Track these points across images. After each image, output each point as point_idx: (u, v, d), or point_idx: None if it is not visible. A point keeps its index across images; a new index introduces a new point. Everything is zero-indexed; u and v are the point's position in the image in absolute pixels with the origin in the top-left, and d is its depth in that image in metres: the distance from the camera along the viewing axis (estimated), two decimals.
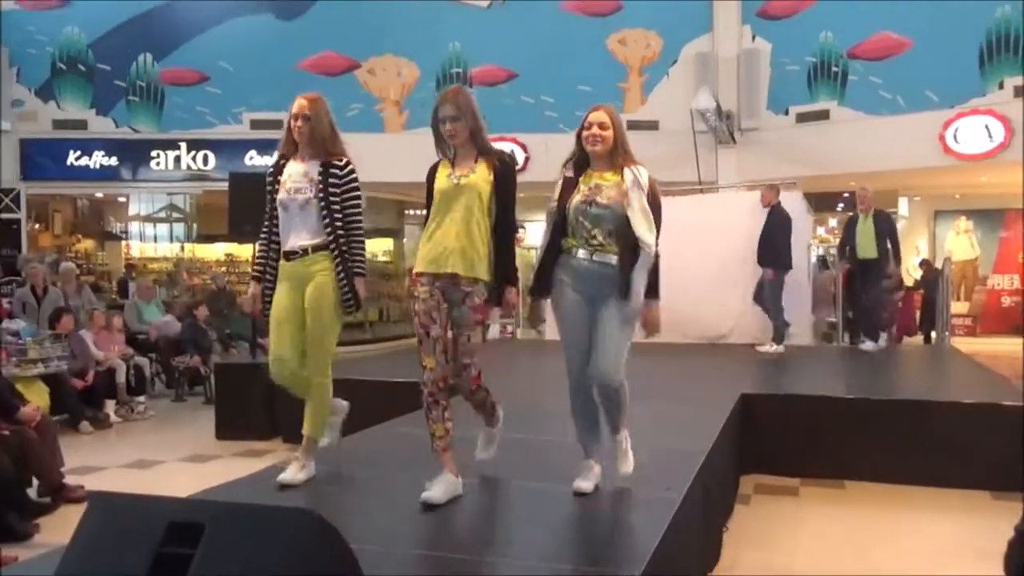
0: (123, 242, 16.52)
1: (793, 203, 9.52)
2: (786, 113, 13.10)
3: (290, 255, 3.58)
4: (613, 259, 3.25)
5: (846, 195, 17.81)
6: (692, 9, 13.33)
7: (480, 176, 3.29)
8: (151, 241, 16.81)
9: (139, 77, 13.73)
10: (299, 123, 3.59)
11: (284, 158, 3.69)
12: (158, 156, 13.60)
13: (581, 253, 3.28)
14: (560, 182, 3.39)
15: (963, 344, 11.30)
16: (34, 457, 5.24)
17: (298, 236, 3.58)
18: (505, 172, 3.33)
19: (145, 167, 13.68)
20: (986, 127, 11.77)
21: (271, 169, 3.73)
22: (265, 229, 3.71)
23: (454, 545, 3.00)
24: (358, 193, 3.64)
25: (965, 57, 11.98)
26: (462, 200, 3.27)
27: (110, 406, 8.37)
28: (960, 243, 16.31)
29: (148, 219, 16.63)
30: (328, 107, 3.66)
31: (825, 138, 12.54)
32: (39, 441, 5.34)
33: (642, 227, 3.21)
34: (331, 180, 3.58)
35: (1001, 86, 11.91)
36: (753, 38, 13.21)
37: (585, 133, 3.30)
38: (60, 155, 13.51)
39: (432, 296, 3.28)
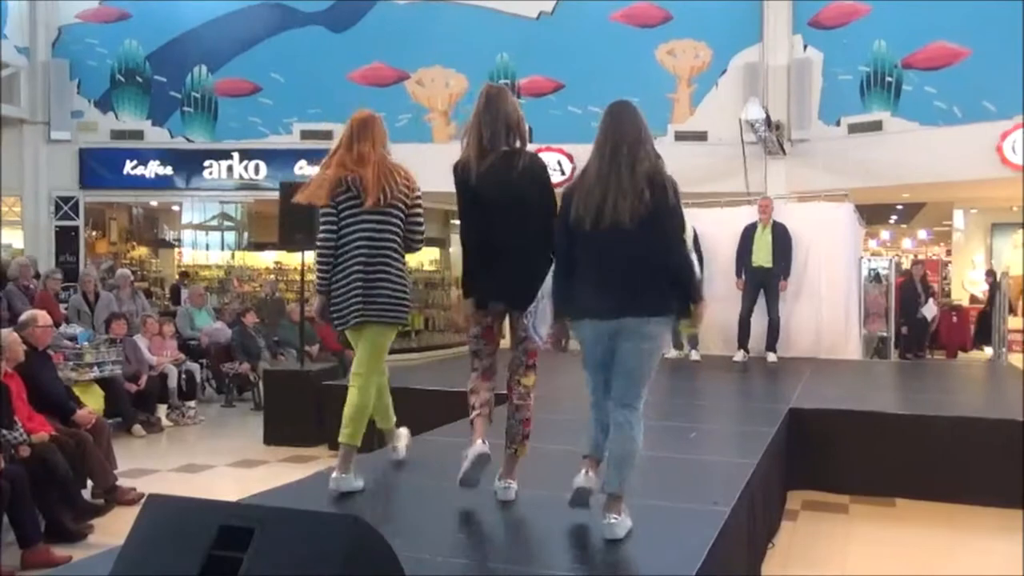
0: (176, 250, 16.84)
1: (844, 215, 9.43)
2: (838, 124, 12.88)
3: None
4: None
5: (899, 207, 17.53)
6: (742, 20, 13.19)
7: None
8: (203, 249, 17.11)
9: (194, 88, 14.02)
10: None
11: None
12: (211, 166, 13.86)
13: None
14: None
15: (1020, 360, 10.99)
16: (89, 459, 5.37)
17: None
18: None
19: (198, 176, 13.95)
20: None
21: None
22: None
23: (495, 555, 3.00)
24: None
25: None
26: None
27: (162, 410, 8.53)
28: (1017, 257, 15.88)
29: (200, 227, 16.92)
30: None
31: (878, 149, 12.30)
32: (94, 444, 5.48)
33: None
34: None
35: None
36: (804, 48, 13.04)
37: None
38: (117, 164, 13.84)
39: None
